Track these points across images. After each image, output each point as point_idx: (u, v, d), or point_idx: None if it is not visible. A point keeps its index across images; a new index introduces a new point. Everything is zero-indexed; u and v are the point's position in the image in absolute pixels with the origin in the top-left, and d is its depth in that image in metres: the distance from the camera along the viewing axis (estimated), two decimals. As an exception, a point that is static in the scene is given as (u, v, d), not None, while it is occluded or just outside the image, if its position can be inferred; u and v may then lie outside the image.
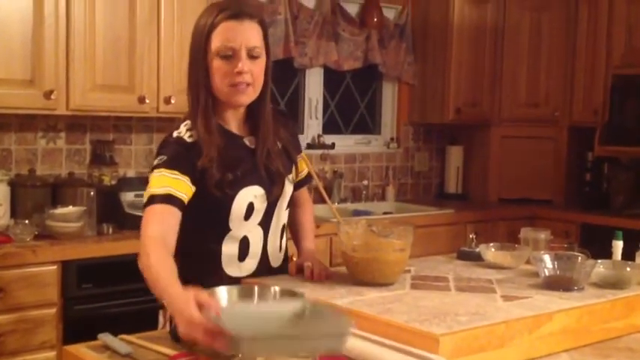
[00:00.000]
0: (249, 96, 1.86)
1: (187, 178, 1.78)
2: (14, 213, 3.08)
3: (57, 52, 3.03)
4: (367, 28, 4.43)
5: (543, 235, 2.23)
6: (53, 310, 2.84)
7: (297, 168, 2.04)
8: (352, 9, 4.46)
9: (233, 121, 1.92)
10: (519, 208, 4.53)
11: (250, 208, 1.88)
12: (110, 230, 3.13)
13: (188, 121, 1.87)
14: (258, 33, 1.86)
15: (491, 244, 2.18)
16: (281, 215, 1.99)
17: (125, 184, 3.36)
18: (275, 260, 1.99)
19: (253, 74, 1.84)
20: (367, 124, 4.79)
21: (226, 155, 1.85)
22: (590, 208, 4.43)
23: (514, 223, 3.91)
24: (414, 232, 1.87)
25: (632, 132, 4.23)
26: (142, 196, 3.33)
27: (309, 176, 2.13)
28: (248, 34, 1.83)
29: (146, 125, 3.67)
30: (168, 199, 1.74)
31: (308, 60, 4.17)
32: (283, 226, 2.02)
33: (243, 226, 1.89)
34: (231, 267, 1.90)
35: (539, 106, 4.70)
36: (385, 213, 4.27)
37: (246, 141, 1.93)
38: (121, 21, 3.20)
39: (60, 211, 3.01)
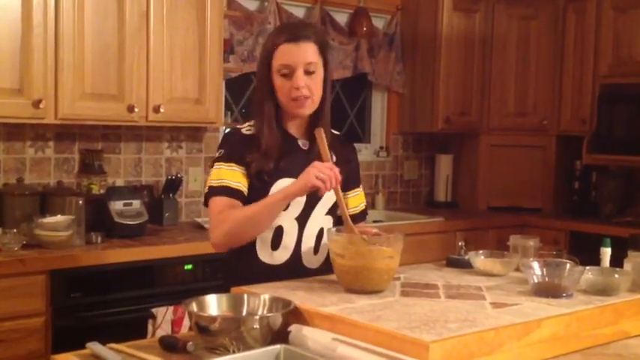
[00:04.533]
0: (308, 108, 2.07)
1: (242, 168, 2.04)
2: (2, 222, 3.06)
3: (46, 61, 3.02)
4: (356, 37, 4.44)
5: (532, 243, 2.24)
6: (42, 320, 2.82)
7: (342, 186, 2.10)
8: (341, 18, 4.48)
9: (294, 127, 2.13)
10: (508, 216, 4.55)
11: None
12: (99, 239, 3.12)
13: (252, 122, 2.12)
14: (314, 51, 2.05)
15: (481, 252, 2.19)
16: (319, 219, 2.09)
17: (114, 193, 3.34)
18: (309, 261, 2.09)
19: (311, 88, 2.04)
20: (357, 133, 4.80)
21: (275, 149, 2.05)
22: (579, 216, 4.46)
23: (503, 231, 3.92)
24: (403, 240, 1.87)
25: (620, 141, 4.26)
26: (130, 205, 3.38)
27: (364, 213, 2.26)
28: (304, 53, 2.03)
29: (135, 134, 3.67)
30: (227, 191, 2.02)
31: (297, 69, 4.17)
32: (321, 231, 2.09)
33: (279, 215, 2.01)
34: (264, 253, 2.07)
35: (528, 115, 4.72)
36: (375, 221, 4.27)
37: (300, 143, 2.13)
38: (110, 29, 3.20)
39: (48, 220, 3.00)
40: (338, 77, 4.44)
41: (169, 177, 3.67)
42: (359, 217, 2.22)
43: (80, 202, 3.12)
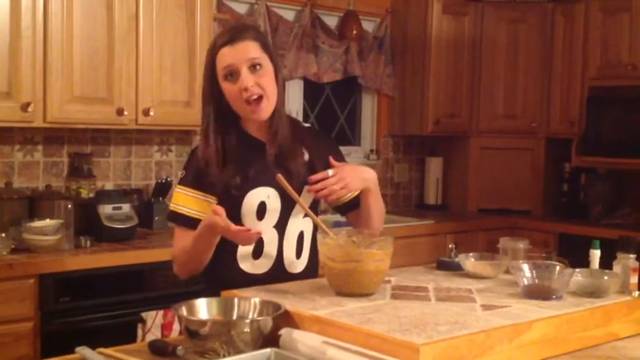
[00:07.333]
0: (265, 109, 1.97)
1: (203, 194, 1.98)
2: (-10, 226, 3.05)
3: (34, 64, 3.01)
4: (346, 40, 4.45)
5: (522, 245, 2.24)
6: (30, 324, 2.80)
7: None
8: (331, 21, 4.48)
9: (255, 128, 2.03)
10: (498, 218, 4.56)
11: (262, 208, 1.99)
12: (88, 243, 3.10)
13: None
14: (255, 47, 1.96)
15: (471, 254, 2.18)
16: (298, 223, 2.05)
17: (103, 196, 3.33)
18: (292, 266, 2.06)
19: (261, 85, 1.95)
20: (347, 136, 4.81)
21: (239, 158, 1.98)
22: (568, 218, 4.48)
23: (493, 234, 3.93)
24: (394, 243, 1.87)
25: (609, 143, 4.28)
26: (119, 208, 3.37)
27: (356, 200, 2.19)
28: (243, 51, 1.93)
29: (124, 137, 3.65)
30: (182, 220, 1.99)
31: (287, 72, 4.18)
32: (301, 235, 2.06)
33: (256, 226, 1.95)
34: (245, 263, 2.02)
35: (517, 117, 4.74)
36: (365, 224, 4.26)
37: (267, 146, 2.02)
38: (99, 32, 3.19)
39: (37, 224, 2.98)
40: (328, 80, 4.45)
41: (159, 180, 3.66)
42: (354, 203, 2.19)
43: (69, 206, 3.10)
